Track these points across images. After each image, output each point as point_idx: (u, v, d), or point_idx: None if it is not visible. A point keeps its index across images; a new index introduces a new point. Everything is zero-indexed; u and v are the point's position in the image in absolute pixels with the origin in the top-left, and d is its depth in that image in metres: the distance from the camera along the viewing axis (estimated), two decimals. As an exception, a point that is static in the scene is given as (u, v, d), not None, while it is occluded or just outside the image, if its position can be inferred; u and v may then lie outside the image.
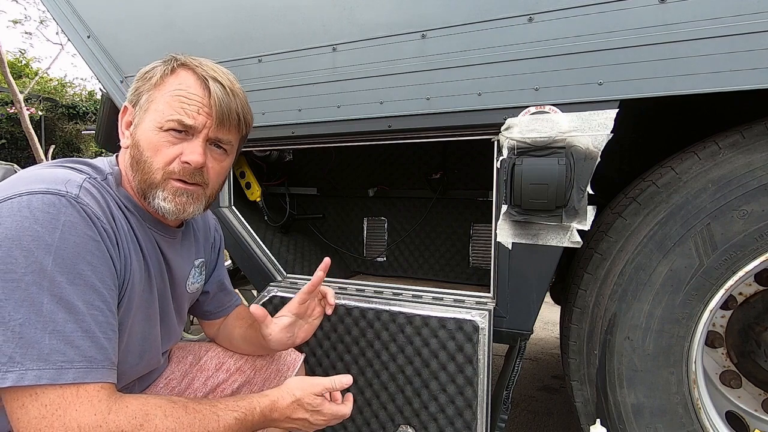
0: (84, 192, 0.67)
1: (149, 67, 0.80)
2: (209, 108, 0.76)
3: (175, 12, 1.47)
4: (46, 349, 0.58)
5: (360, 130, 1.27)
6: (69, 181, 0.66)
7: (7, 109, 11.79)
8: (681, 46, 0.93)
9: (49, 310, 0.59)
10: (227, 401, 0.75)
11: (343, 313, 1.32)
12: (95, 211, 0.67)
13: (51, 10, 1.60)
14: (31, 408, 0.58)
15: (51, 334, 0.59)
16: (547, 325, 3.21)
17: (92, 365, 0.61)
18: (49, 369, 0.58)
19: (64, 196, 0.63)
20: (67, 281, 0.61)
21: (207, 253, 1.04)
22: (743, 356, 1.13)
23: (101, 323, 0.64)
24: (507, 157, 1.10)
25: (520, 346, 1.19)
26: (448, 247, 1.89)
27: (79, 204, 0.64)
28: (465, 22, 1.11)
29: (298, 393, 0.81)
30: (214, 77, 0.77)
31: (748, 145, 0.97)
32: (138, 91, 0.78)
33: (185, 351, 1.08)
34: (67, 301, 0.60)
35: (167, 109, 0.75)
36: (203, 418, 0.69)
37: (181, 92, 0.75)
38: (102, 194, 0.71)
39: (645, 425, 1.08)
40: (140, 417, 0.63)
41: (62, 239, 0.61)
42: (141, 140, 0.76)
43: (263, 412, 0.77)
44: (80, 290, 0.62)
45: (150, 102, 0.76)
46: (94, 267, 0.64)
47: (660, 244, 1.04)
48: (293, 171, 2.04)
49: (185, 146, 0.76)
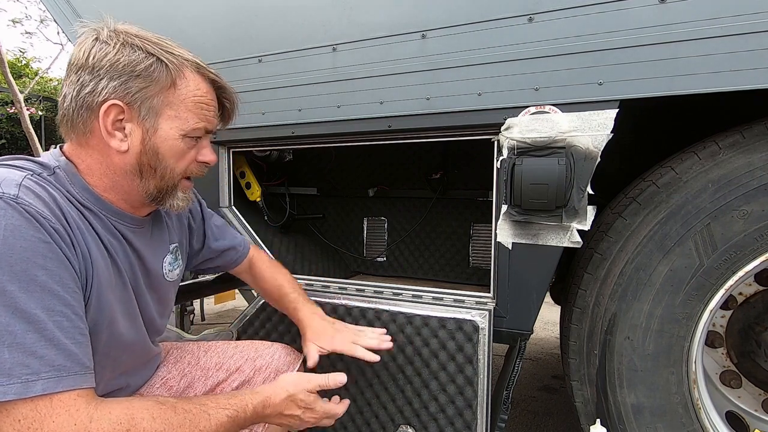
0: (24, 191, 0.61)
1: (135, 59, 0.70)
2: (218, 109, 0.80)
3: (175, 12, 1.47)
4: (7, 364, 0.55)
5: (360, 130, 1.27)
6: (5, 180, 0.61)
7: (7, 109, 11.79)
8: (681, 46, 0.93)
9: (5, 323, 0.55)
10: (218, 399, 0.73)
11: (343, 313, 1.31)
12: (40, 210, 0.61)
13: (51, 10, 1.60)
14: (5, 424, 0.55)
15: (10, 347, 0.55)
16: (547, 325, 3.21)
17: (62, 373, 0.58)
18: (14, 384, 0.55)
19: (1, 198, 0.58)
20: (20, 289, 0.56)
21: (182, 235, 1.00)
22: (743, 356, 1.13)
23: (66, 328, 0.60)
24: (507, 157, 1.10)
25: (520, 346, 1.19)
26: (448, 247, 1.89)
27: (20, 205, 0.59)
28: (465, 22, 1.11)
29: (291, 389, 0.81)
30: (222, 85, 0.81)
31: (748, 145, 0.97)
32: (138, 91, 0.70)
33: (183, 351, 1.07)
34: (22, 310, 0.56)
35: (191, 116, 0.75)
36: (193, 417, 0.67)
37: (202, 98, 0.76)
38: (48, 191, 0.65)
39: (645, 425, 1.08)
40: (126, 422, 0.61)
41: (6, 245, 0.56)
42: (161, 148, 0.73)
43: (255, 409, 0.77)
44: (37, 297, 0.58)
45: (163, 106, 0.72)
46: (48, 270, 0.59)
47: (660, 244, 1.04)
48: (293, 171, 2.04)
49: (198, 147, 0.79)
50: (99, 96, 0.69)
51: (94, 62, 0.69)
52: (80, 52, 0.70)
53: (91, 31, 0.72)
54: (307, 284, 1.46)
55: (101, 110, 0.69)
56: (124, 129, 0.71)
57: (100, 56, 0.69)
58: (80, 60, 0.70)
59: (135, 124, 0.72)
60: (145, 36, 0.73)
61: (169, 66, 0.72)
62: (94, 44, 0.70)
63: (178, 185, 0.78)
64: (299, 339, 1.38)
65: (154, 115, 0.72)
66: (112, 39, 0.70)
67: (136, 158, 0.73)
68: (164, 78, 0.72)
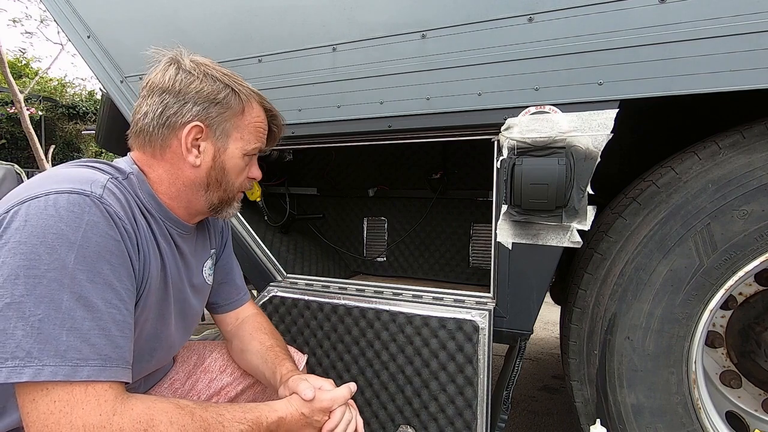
0: (107, 192, 0.68)
1: (216, 89, 0.81)
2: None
3: (176, 12, 1.47)
4: (63, 346, 0.59)
5: (360, 130, 1.27)
6: (94, 181, 0.68)
7: (7, 109, 11.79)
8: (681, 46, 0.93)
9: (69, 307, 0.60)
10: (235, 411, 0.74)
11: (343, 313, 1.32)
12: (117, 211, 0.68)
13: (51, 9, 1.60)
14: (41, 403, 0.58)
15: (69, 331, 0.59)
16: (547, 325, 3.21)
17: (106, 364, 0.62)
18: (65, 366, 0.58)
19: (88, 195, 0.65)
20: (87, 279, 0.62)
21: (217, 243, 1.07)
22: (743, 356, 1.13)
23: (119, 322, 0.65)
24: (507, 157, 1.10)
25: (520, 346, 1.19)
26: (448, 247, 1.89)
27: (102, 204, 0.66)
28: (465, 22, 1.11)
29: (306, 411, 0.81)
30: (275, 114, 0.92)
31: (748, 145, 0.97)
32: (217, 115, 0.81)
33: (189, 351, 1.08)
34: (86, 298, 0.61)
35: (252, 138, 0.86)
36: (208, 427, 0.68)
37: (260, 124, 0.88)
38: (124, 195, 0.73)
39: (645, 425, 1.08)
40: (145, 421, 0.63)
41: (85, 238, 0.62)
42: (228, 165, 0.84)
43: (270, 427, 0.77)
44: (99, 288, 0.63)
45: (233, 129, 0.83)
46: (113, 266, 0.65)
47: (660, 244, 1.04)
48: (293, 171, 2.04)
49: (250, 164, 0.90)
50: (183, 117, 0.79)
51: (181, 88, 0.79)
52: (165, 77, 0.80)
53: (172, 60, 0.82)
54: (307, 284, 1.46)
55: (185, 129, 0.79)
56: (200, 147, 0.81)
57: (186, 83, 0.79)
58: (165, 84, 0.79)
59: (209, 143, 0.82)
60: (221, 69, 0.84)
61: (240, 96, 0.83)
62: (178, 72, 0.80)
63: (235, 197, 0.90)
64: (299, 339, 1.38)
65: (225, 137, 0.83)
66: (195, 70, 0.80)
67: (206, 173, 0.83)
68: (237, 106, 0.83)
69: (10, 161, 1.34)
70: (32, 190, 0.64)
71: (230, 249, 1.12)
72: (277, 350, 0.99)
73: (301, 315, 1.39)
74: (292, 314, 1.40)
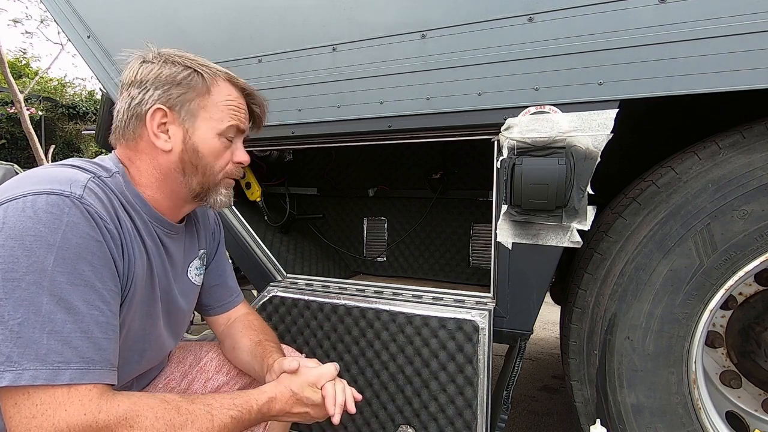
0: (88, 192, 0.67)
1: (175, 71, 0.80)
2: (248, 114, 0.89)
3: (176, 12, 1.47)
4: (43, 350, 0.58)
5: (360, 130, 1.27)
6: (74, 181, 0.67)
7: (7, 109, 11.79)
8: (681, 46, 0.93)
9: (48, 310, 0.59)
10: (224, 399, 0.74)
11: (343, 313, 1.32)
12: (99, 211, 0.67)
13: (51, 10, 1.60)
14: (23, 407, 0.58)
15: (49, 334, 0.59)
16: (547, 325, 3.21)
17: (89, 366, 0.61)
18: (46, 369, 0.58)
19: (68, 196, 0.64)
20: (68, 281, 0.61)
21: (207, 244, 1.05)
22: (743, 356, 1.13)
23: (101, 323, 0.64)
24: (507, 157, 1.10)
25: (520, 346, 1.19)
26: (448, 247, 1.89)
27: (83, 204, 0.65)
28: (465, 22, 1.11)
29: (295, 387, 0.81)
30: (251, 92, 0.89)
31: (748, 145, 0.97)
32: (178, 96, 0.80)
33: (185, 351, 1.08)
34: (66, 301, 0.60)
35: (224, 117, 0.83)
36: (195, 419, 0.68)
37: (233, 102, 0.85)
38: (107, 194, 0.71)
39: (645, 425, 1.08)
40: (130, 418, 0.63)
41: (64, 239, 0.61)
42: (200, 146, 0.82)
43: (261, 409, 0.77)
44: (80, 290, 0.62)
45: (200, 109, 0.81)
46: (95, 267, 0.64)
47: (660, 244, 1.04)
48: (293, 171, 2.04)
49: (233, 148, 0.87)
50: (146, 105, 0.79)
51: (141, 78, 0.80)
52: (130, 72, 0.81)
53: (138, 56, 0.83)
54: (307, 284, 1.46)
55: (147, 115, 0.79)
56: (168, 131, 0.80)
57: (146, 72, 0.80)
58: (130, 78, 0.81)
59: (177, 126, 0.81)
60: (184, 54, 0.84)
61: (204, 75, 0.82)
62: (141, 65, 0.81)
63: (220, 183, 0.87)
64: (299, 339, 1.38)
65: (192, 117, 0.81)
66: (156, 59, 0.81)
67: (179, 156, 0.81)
68: (200, 85, 0.81)
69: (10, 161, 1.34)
70: (10, 192, 0.63)
71: (223, 251, 1.12)
72: (266, 344, 0.98)
73: (301, 315, 1.39)
74: (292, 314, 1.40)
